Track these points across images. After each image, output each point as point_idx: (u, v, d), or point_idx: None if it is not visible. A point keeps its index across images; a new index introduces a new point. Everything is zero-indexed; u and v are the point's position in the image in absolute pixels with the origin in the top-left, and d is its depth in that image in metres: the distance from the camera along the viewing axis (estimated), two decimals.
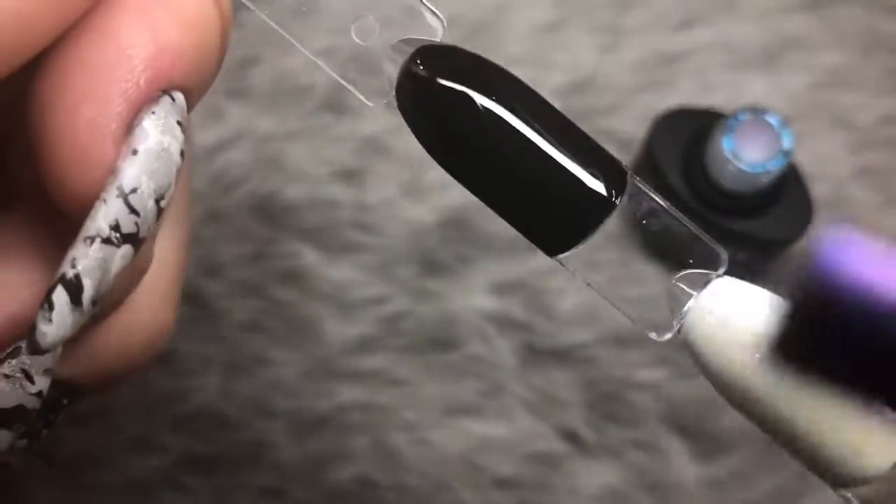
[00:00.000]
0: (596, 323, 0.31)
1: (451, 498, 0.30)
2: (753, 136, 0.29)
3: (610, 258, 0.17)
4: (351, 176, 0.33)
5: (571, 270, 0.17)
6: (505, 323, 0.31)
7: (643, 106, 0.33)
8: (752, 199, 0.29)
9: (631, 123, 0.33)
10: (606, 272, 0.18)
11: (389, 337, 0.31)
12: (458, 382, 0.31)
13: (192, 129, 0.22)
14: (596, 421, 0.30)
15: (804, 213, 0.30)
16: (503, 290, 0.31)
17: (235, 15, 0.36)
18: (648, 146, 0.31)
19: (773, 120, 0.29)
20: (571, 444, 0.30)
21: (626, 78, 0.34)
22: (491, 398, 0.31)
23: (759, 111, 0.29)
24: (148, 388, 0.31)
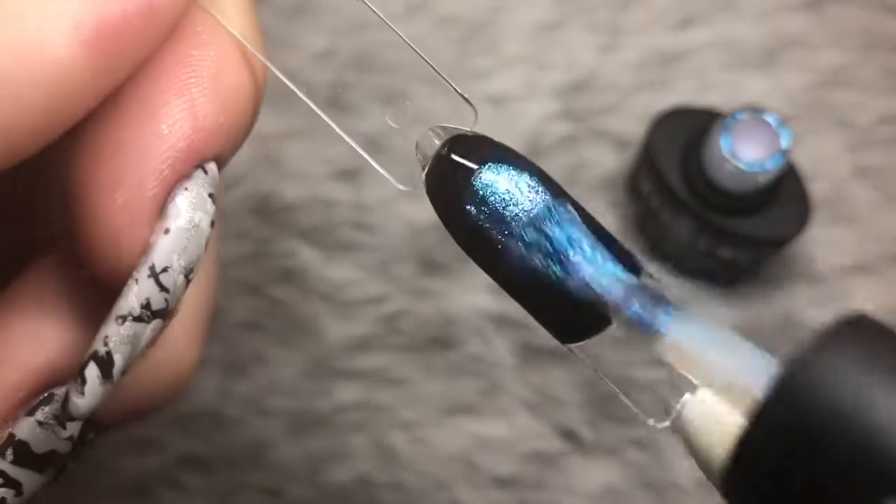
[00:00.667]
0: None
1: (449, 497, 0.30)
2: (752, 135, 0.29)
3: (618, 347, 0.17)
4: (350, 175, 0.33)
5: (581, 356, 0.18)
6: (503, 322, 0.31)
7: (642, 105, 0.33)
8: (750, 198, 0.29)
9: (630, 123, 0.33)
10: (612, 357, 0.18)
11: (388, 336, 0.31)
12: (456, 381, 0.31)
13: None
14: (594, 420, 0.30)
15: (802, 212, 0.30)
16: (502, 289, 0.31)
17: None
18: (647, 146, 0.31)
19: (771, 119, 0.29)
20: (570, 443, 0.30)
21: (625, 77, 0.34)
22: (489, 397, 0.31)
23: (757, 110, 0.29)
24: None
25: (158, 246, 0.15)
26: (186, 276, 0.16)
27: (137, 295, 0.15)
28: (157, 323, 0.16)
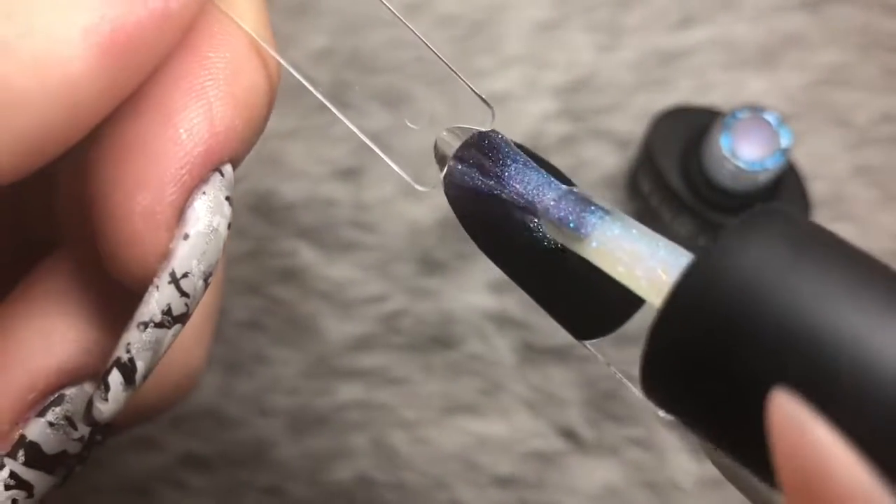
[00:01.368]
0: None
1: (449, 496, 0.30)
2: (752, 134, 0.29)
3: (631, 332, 0.17)
4: (349, 174, 0.33)
5: (596, 352, 0.18)
6: (503, 321, 0.31)
7: (642, 105, 0.33)
8: (750, 197, 0.29)
9: (630, 122, 0.33)
10: (625, 341, 0.18)
11: (388, 335, 0.31)
12: (456, 381, 0.31)
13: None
14: (594, 419, 0.31)
15: (802, 211, 0.30)
16: (501, 288, 0.31)
17: None
18: (647, 145, 0.31)
19: (771, 118, 0.29)
20: (570, 442, 0.30)
21: (624, 77, 0.34)
22: (489, 396, 0.31)
23: (757, 109, 0.29)
24: None
25: (179, 252, 0.15)
26: (205, 280, 0.16)
27: (159, 301, 0.15)
28: (177, 328, 0.16)
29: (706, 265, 0.13)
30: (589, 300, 0.17)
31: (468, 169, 0.17)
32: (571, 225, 0.16)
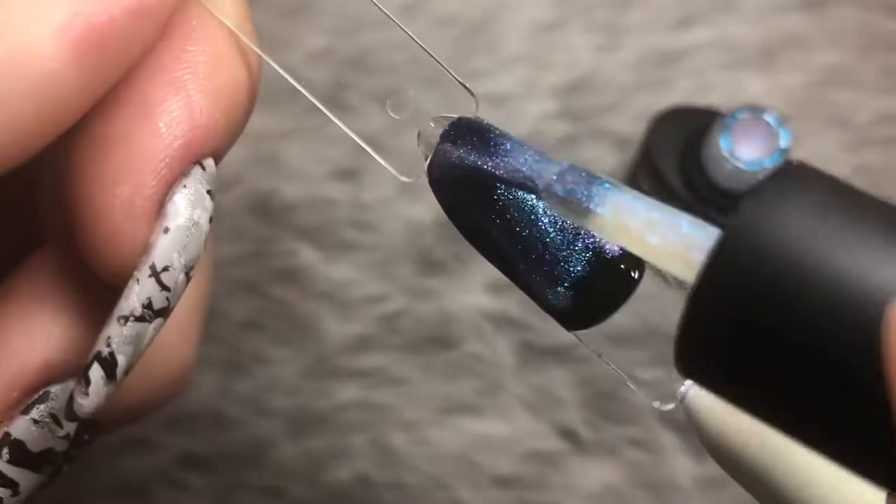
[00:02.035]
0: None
1: (449, 496, 0.30)
2: (751, 134, 0.29)
3: (624, 330, 0.17)
4: (348, 175, 0.33)
5: (585, 342, 0.17)
6: (503, 321, 0.31)
7: (641, 105, 0.33)
8: None
9: (629, 122, 0.33)
10: (619, 340, 0.18)
11: (387, 335, 0.31)
12: (456, 381, 0.31)
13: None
14: (594, 419, 0.31)
15: None
16: (501, 288, 0.31)
17: None
18: (646, 145, 0.31)
19: (770, 118, 0.29)
20: (569, 442, 0.30)
21: (624, 77, 0.34)
22: (489, 397, 0.31)
23: (756, 110, 0.29)
24: None
25: (159, 245, 0.15)
26: (187, 274, 0.16)
27: (139, 295, 0.15)
28: (158, 322, 0.16)
29: (746, 228, 0.12)
30: (578, 287, 0.17)
31: (458, 149, 0.17)
32: (581, 197, 0.15)
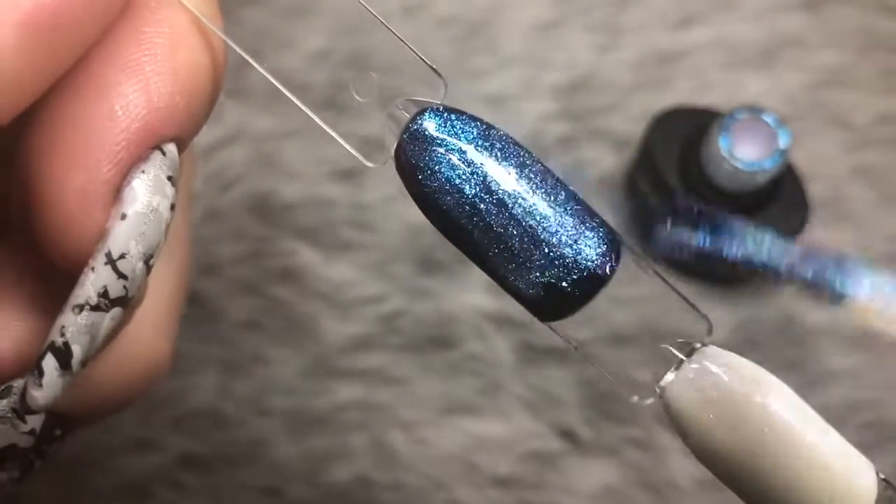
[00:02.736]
0: (593, 321, 0.31)
1: (448, 496, 0.30)
2: (750, 134, 0.29)
3: (598, 322, 0.17)
4: (348, 175, 0.33)
5: (560, 334, 0.17)
6: (502, 321, 0.31)
7: (641, 105, 0.33)
8: (748, 197, 0.30)
9: (628, 122, 0.33)
10: (594, 333, 0.18)
11: (387, 335, 0.31)
12: (455, 381, 0.31)
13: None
14: (593, 419, 0.31)
15: (800, 212, 0.30)
16: (500, 289, 0.31)
17: (236, 11, 0.36)
18: (646, 145, 0.31)
19: (769, 119, 0.29)
20: (569, 442, 0.30)
21: (623, 77, 0.34)
22: (488, 397, 0.31)
23: (756, 110, 0.29)
24: None
25: (115, 232, 0.15)
26: (146, 262, 0.15)
27: (94, 283, 0.15)
28: (116, 311, 0.15)
29: None
30: (549, 281, 0.17)
31: (679, 236, 0.17)
32: (836, 289, 0.15)
